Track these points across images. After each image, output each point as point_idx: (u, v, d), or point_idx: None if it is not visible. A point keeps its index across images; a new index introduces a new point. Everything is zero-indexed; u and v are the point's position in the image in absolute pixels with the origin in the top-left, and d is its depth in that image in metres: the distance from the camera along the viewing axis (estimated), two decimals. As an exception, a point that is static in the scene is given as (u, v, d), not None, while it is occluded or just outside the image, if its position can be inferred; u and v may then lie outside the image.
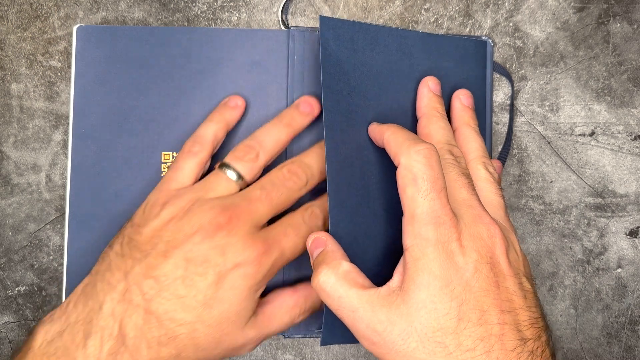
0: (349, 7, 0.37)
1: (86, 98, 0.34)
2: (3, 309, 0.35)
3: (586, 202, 0.38)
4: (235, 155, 0.31)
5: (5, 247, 0.36)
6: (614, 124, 0.37)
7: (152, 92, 0.34)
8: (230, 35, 0.35)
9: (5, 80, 0.35)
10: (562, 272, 0.38)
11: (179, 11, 0.36)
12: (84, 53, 0.34)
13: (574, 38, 0.37)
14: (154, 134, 0.34)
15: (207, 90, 0.34)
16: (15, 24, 0.35)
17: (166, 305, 0.26)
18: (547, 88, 0.37)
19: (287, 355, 0.36)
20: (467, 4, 0.37)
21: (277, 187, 0.30)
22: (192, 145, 0.31)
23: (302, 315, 0.31)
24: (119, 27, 0.35)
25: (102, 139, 0.34)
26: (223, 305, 0.27)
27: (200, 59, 0.34)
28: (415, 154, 0.26)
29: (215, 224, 0.28)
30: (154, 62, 0.34)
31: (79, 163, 0.34)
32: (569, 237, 0.38)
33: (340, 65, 0.31)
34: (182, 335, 0.26)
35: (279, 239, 0.29)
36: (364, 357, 0.37)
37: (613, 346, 0.38)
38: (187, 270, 0.27)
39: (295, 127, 0.33)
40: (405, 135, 0.28)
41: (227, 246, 0.28)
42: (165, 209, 0.29)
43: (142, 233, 0.28)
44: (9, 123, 0.35)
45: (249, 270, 0.28)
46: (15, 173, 0.36)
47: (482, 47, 0.36)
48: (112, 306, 0.26)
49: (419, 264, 0.25)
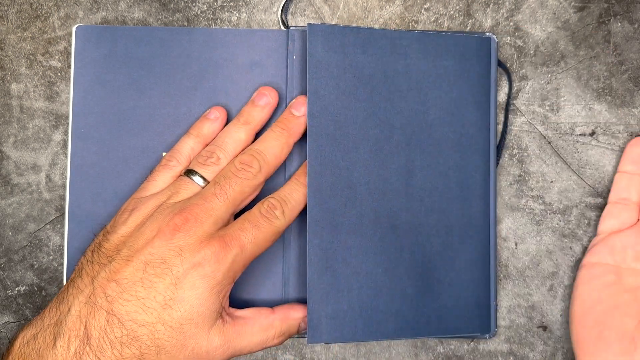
0: (349, 7, 0.37)
1: (86, 98, 0.34)
2: (3, 309, 0.36)
3: (586, 202, 0.37)
4: (197, 161, 0.32)
5: (5, 247, 0.36)
6: (614, 123, 0.37)
7: (152, 93, 0.34)
8: (230, 36, 0.35)
9: (5, 80, 0.35)
10: (562, 272, 0.38)
11: (179, 11, 0.36)
12: (84, 53, 0.34)
13: (575, 37, 0.37)
14: (154, 134, 0.34)
15: (207, 91, 0.35)
16: (15, 24, 0.35)
17: (127, 307, 0.27)
18: (547, 88, 0.37)
19: (287, 355, 0.37)
20: (467, 3, 0.37)
21: (229, 179, 0.31)
22: (169, 160, 0.33)
23: (277, 338, 0.31)
24: (119, 27, 0.35)
25: (101, 139, 0.34)
26: (184, 306, 0.27)
27: (201, 59, 0.34)
28: None
29: (172, 225, 0.29)
30: (154, 62, 0.34)
31: (79, 163, 0.34)
32: (569, 237, 0.38)
33: (329, 70, 0.32)
34: (143, 336, 0.27)
35: (236, 235, 0.29)
36: (364, 357, 0.37)
37: (613, 346, 0.38)
38: (145, 273, 0.28)
39: (254, 123, 0.33)
40: None
41: (184, 247, 0.28)
42: (132, 216, 0.30)
43: (110, 240, 0.30)
44: (9, 123, 0.35)
45: (207, 269, 0.28)
46: (15, 173, 0.36)
47: (486, 44, 0.36)
48: (78, 308, 0.27)
49: None
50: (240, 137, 0.33)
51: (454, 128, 0.35)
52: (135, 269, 0.28)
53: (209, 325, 0.28)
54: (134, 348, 0.27)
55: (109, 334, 0.26)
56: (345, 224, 0.32)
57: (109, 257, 0.29)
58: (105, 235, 0.30)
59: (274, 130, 0.33)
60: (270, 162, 0.32)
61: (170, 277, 0.28)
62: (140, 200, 0.31)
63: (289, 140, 0.33)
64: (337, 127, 0.33)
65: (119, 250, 0.29)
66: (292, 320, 0.32)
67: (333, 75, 0.33)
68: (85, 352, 0.26)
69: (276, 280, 0.34)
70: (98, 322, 0.27)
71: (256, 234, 0.30)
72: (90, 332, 0.26)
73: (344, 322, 0.32)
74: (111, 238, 0.30)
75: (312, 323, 0.32)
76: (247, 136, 0.33)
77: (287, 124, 0.33)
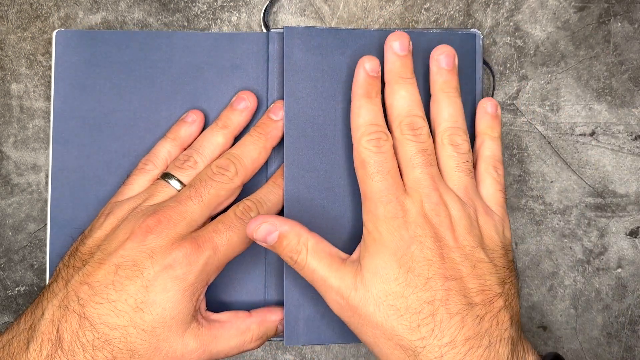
0: (349, 7, 0.37)
1: (66, 103, 0.34)
2: (3, 309, 0.36)
3: (586, 202, 0.37)
4: (174, 165, 0.32)
5: (5, 247, 0.36)
6: (614, 123, 0.37)
7: (133, 97, 0.34)
8: (211, 40, 0.35)
9: (5, 80, 0.35)
10: (562, 272, 0.38)
11: (179, 11, 0.36)
12: (64, 57, 0.34)
13: (575, 37, 0.37)
14: (135, 138, 0.34)
15: (189, 94, 0.34)
16: (15, 24, 0.35)
17: (99, 310, 0.27)
18: (547, 88, 0.37)
19: (287, 355, 0.37)
20: (467, 3, 0.37)
21: (205, 182, 0.31)
22: (145, 163, 0.33)
23: (254, 341, 0.31)
24: (99, 32, 0.35)
25: (82, 143, 0.34)
26: (155, 309, 0.27)
27: (181, 63, 0.34)
28: (366, 143, 0.30)
29: (144, 227, 0.28)
30: (134, 66, 0.34)
31: (60, 168, 0.34)
32: (569, 237, 0.38)
33: (306, 72, 0.33)
34: (115, 340, 0.27)
35: (209, 237, 0.29)
36: (364, 357, 0.37)
37: (613, 346, 0.38)
38: (117, 275, 0.27)
39: (232, 127, 0.33)
40: (363, 120, 0.30)
41: (156, 249, 0.28)
42: (107, 220, 0.30)
43: (86, 244, 0.30)
44: (9, 123, 0.35)
45: (178, 271, 0.28)
46: (15, 173, 0.36)
47: (471, 40, 0.35)
48: (52, 312, 0.27)
49: (371, 236, 0.28)
50: (218, 141, 0.33)
51: None
52: (107, 272, 0.27)
53: (182, 329, 0.28)
54: (106, 351, 0.26)
55: (80, 337, 0.26)
56: (323, 227, 0.32)
57: (83, 261, 0.29)
58: (82, 239, 0.30)
59: (252, 134, 0.33)
60: (247, 166, 0.32)
61: (142, 280, 0.27)
62: (116, 204, 0.31)
63: (267, 145, 0.33)
64: (315, 129, 0.33)
65: (93, 254, 0.29)
66: (270, 323, 0.32)
67: (310, 77, 0.33)
68: (57, 356, 0.26)
69: (258, 283, 0.34)
70: (70, 325, 0.26)
71: (230, 235, 0.30)
72: (62, 336, 0.26)
73: (320, 325, 0.32)
74: (87, 242, 0.30)
75: (289, 325, 0.32)
76: (226, 140, 0.33)
77: (265, 128, 0.33)
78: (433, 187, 0.29)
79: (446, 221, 0.28)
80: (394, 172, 0.29)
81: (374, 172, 0.29)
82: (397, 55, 0.32)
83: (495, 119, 0.33)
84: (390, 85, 0.32)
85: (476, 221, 0.29)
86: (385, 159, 0.29)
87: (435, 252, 0.27)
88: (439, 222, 0.28)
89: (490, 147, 0.33)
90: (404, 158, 0.30)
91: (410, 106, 0.31)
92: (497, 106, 0.34)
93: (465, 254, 0.28)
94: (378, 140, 0.30)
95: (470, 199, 0.30)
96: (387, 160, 0.29)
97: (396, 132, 0.31)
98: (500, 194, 0.32)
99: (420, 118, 0.31)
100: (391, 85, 0.31)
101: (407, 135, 0.30)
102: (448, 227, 0.28)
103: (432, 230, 0.28)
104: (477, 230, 0.29)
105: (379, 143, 0.30)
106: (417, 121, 0.31)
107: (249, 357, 0.37)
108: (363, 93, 0.31)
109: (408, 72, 0.32)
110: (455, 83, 0.32)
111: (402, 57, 0.32)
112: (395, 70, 0.32)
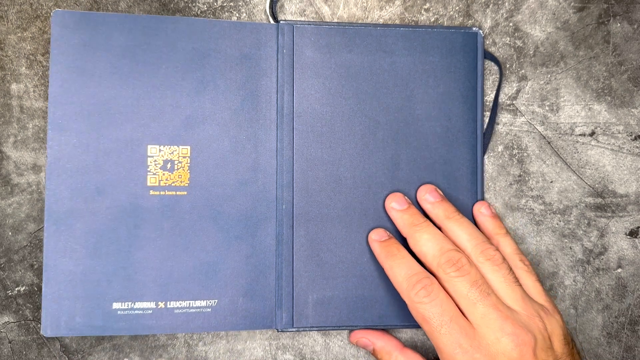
0: (349, 7, 0.37)
1: (64, 87, 0.32)
2: (3, 309, 0.36)
3: (586, 202, 0.38)
4: None
5: (5, 247, 0.36)
6: (614, 124, 0.37)
7: (135, 83, 0.33)
8: (217, 27, 0.34)
9: (5, 80, 0.35)
10: (562, 272, 0.38)
11: (179, 11, 0.36)
12: (62, 40, 0.33)
13: (574, 38, 0.37)
14: (138, 126, 0.33)
15: (195, 82, 0.34)
16: (15, 24, 0.35)
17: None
18: (547, 88, 0.37)
19: (287, 355, 0.37)
20: (467, 3, 0.37)
21: None
22: None
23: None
24: (99, 14, 0.33)
25: (81, 130, 0.32)
26: None
27: (187, 49, 0.34)
28: (415, 296, 0.30)
29: None
30: (137, 51, 0.33)
31: (57, 157, 0.32)
32: (569, 237, 0.38)
33: (315, 70, 0.35)
34: None
35: None
36: (364, 357, 0.37)
37: (613, 346, 0.38)
38: None
39: None
40: (401, 276, 0.31)
41: None
42: None
43: None
44: (9, 123, 0.35)
45: None
46: (15, 173, 0.36)
47: (472, 39, 0.36)
48: None
49: None
50: None
51: (440, 122, 0.35)
52: None
53: None
54: None
55: None
56: (331, 216, 0.34)
57: None
58: None
59: None
60: None
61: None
62: None
63: None
64: (324, 125, 0.34)
65: None
66: None
67: (319, 75, 0.34)
68: None
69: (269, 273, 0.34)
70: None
71: None
72: None
73: (328, 308, 0.34)
74: None
75: (298, 309, 0.34)
76: None
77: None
78: (502, 317, 0.29)
79: (526, 350, 0.28)
80: (456, 316, 0.29)
81: (438, 324, 0.29)
82: (401, 211, 0.34)
83: (495, 218, 0.35)
84: (410, 236, 0.33)
85: (545, 331, 0.30)
86: (441, 304, 0.29)
87: None
88: (520, 354, 0.28)
89: (506, 243, 0.34)
90: (460, 296, 0.30)
91: (440, 243, 0.32)
92: (489, 207, 0.35)
93: None
94: (425, 287, 0.30)
95: (528, 307, 0.30)
96: (444, 305, 0.29)
97: (440, 274, 0.31)
98: (539, 285, 0.32)
99: (454, 251, 0.31)
100: (411, 236, 0.33)
101: (451, 273, 0.30)
102: (530, 356, 0.28)
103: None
104: (549, 342, 0.30)
105: (427, 290, 0.30)
106: (453, 255, 0.31)
107: (249, 357, 0.36)
108: (386, 256, 0.33)
109: (419, 218, 0.33)
110: (452, 208, 0.34)
111: (406, 211, 0.34)
112: (406, 223, 0.33)
